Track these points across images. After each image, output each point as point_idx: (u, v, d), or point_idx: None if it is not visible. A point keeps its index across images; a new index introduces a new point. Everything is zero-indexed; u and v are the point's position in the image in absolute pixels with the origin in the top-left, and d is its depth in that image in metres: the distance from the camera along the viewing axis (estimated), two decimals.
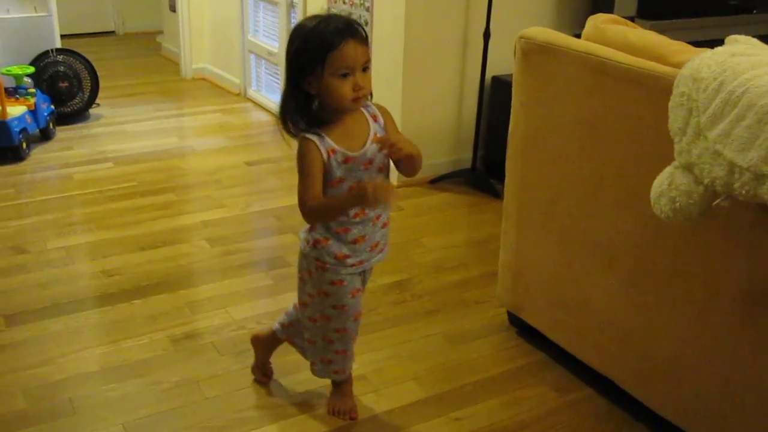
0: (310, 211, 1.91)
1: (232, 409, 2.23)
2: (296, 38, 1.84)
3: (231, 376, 2.37)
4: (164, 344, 2.53)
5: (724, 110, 1.58)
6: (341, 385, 2.24)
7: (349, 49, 1.79)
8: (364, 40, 1.83)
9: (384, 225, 2.03)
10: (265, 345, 2.34)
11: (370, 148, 1.91)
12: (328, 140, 1.87)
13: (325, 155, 1.87)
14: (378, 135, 1.92)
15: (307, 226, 2.03)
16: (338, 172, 1.89)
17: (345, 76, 1.81)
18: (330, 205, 1.92)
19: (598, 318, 2.22)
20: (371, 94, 1.93)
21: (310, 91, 1.86)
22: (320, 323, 2.10)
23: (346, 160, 1.89)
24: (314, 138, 1.87)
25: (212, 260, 3.11)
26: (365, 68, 1.83)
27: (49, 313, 2.68)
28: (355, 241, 1.98)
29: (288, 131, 1.92)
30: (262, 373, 2.36)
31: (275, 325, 2.28)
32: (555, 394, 2.34)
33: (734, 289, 1.81)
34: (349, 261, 2.00)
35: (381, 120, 1.96)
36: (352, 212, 1.94)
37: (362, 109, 1.94)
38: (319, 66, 1.80)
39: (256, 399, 2.28)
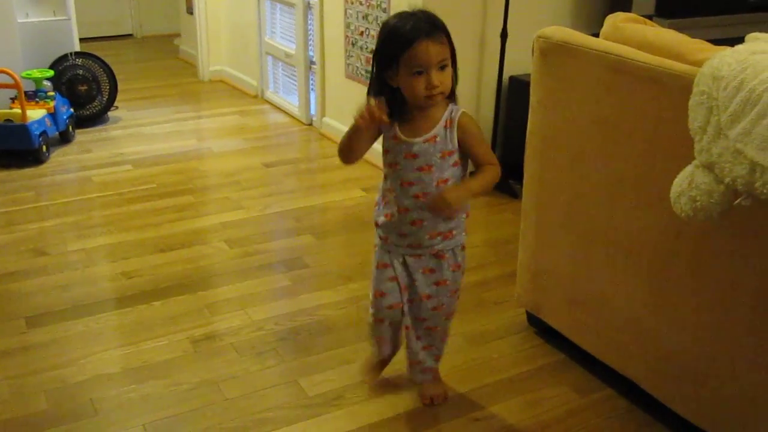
0: (340, 148, 2.09)
1: (252, 410, 2.24)
2: (380, 34, 1.95)
3: (250, 377, 2.38)
4: (184, 345, 2.54)
5: (744, 108, 1.57)
6: (375, 364, 2.33)
7: (422, 49, 1.86)
8: (441, 39, 1.89)
9: (413, 223, 2.04)
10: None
11: (421, 145, 1.97)
12: (395, 128, 1.99)
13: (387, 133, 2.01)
14: (437, 138, 1.97)
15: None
16: (386, 144, 2.03)
17: (419, 74, 1.88)
18: (347, 133, 2.04)
19: (618, 318, 2.21)
20: (454, 93, 1.99)
21: (393, 85, 1.94)
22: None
23: (394, 137, 2.00)
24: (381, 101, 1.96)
25: (231, 262, 3.12)
26: (443, 66, 1.90)
27: (70, 315, 2.70)
28: (386, 216, 2.09)
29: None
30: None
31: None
32: (575, 394, 2.33)
33: (755, 288, 1.80)
34: (380, 231, 2.13)
35: (455, 129, 1.98)
36: (387, 185, 2.08)
37: (447, 111, 1.99)
38: (395, 63, 1.89)
39: (276, 400, 2.28)
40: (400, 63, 1.88)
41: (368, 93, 2.00)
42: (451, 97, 1.99)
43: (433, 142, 1.97)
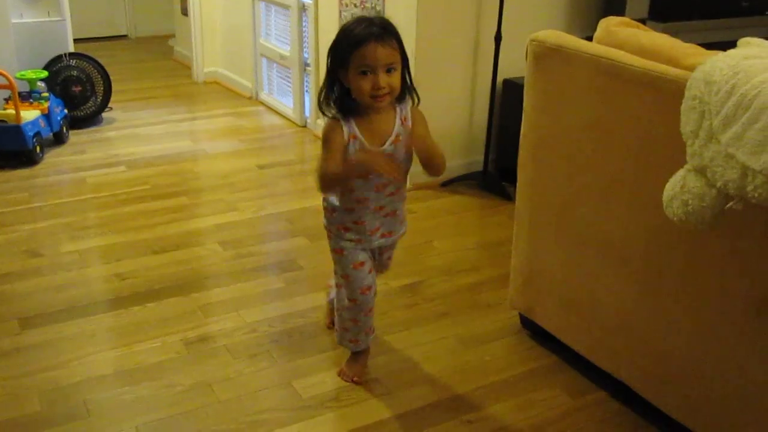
0: (324, 181, 2.09)
1: (246, 412, 2.24)
2: (337, 34, 2.05)
3: (244, 379, 2.38)
4: (177, 347, 2.54)
5: (736, 113, 1.58)
6: (357, 355, 2.40)
7: (370, 50, 1.96)
8: (391, 43, 1.99)
9: (387, 215, 2.22)
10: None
11: (389, 147, 2.09)
12: (353, 126, 2.06)
13: (346, 137, 2.06)
14: (400, 137, 2.09)
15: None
16: (354, 157, 2.07)
17: (364, 73, 1.98)
18: (338, 174, 2.07)
19: (611, 321, 2.21)
20: (412, 96, 2.12)
21: (345, 83, 2.04)
22: (341, 291, 2.29)
23: (362, 150, 2.06)
24: (341, 120, 2.07)
25: (225, 263, 3.12)
26: (390, 69, 1.99)
27: (64, 317, 2.70)
28: (355, 222, 2.19)
29: (322, 112, 2.12)
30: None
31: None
32: (568, 397, 2.34)
33: (747, 292, 1.81)
34: (348, 235, 2.22)
35: (409, 123, 2.12)
36: (355, 196, 2.15)
37: (397, 110, 2.11)
38: (346, 63, 2.00)
39: (269, 402, 2.28)
40: (350, 62, 1.99)
41: (319, 97, 2.10)
42: (401, 99, 2.10)
43: (398, 142, 2.10)
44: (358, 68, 1.98)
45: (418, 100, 2.13)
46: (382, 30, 1.99)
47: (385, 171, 2.00)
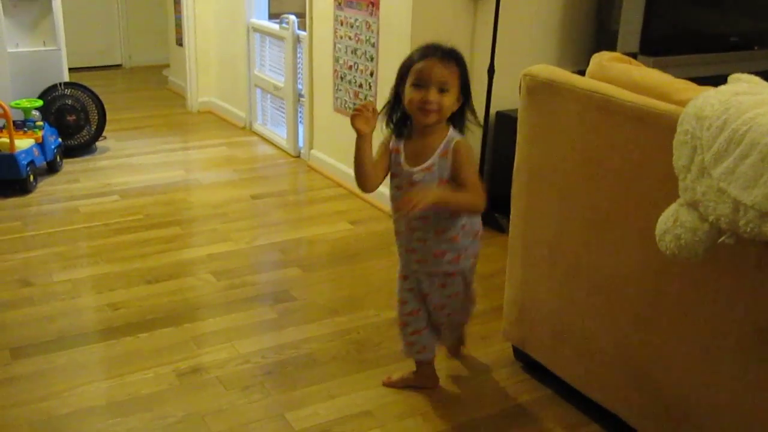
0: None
1: None
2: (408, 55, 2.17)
3: (237, 411, 2.37)
4: (170, 378, 2.53)
5: (728, 148, 1.60)
6: (426, 368, 2.50)
7: (427, 65, 2.08)
8: (449, 66, 2.09)
9: (419, 240, 2.28)
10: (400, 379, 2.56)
11: (419, 174, 2.18)
12: (400, 143, 2.21)
13: (392, 148, 2.22)
14: (434, 168, 2.17)
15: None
16: (393, 169, 2.23)
17: (418, 86, 2.09)
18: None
19: (604, 354, 2.22)
20: (457, 122, 2.20)
21: (404, 100, 2.15)
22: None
23: (398, 164, 2.21)
24: (394, 134, 2.23)
25: (218, 294, 3.12)
26: (443, 89, 2.08)
27: (55, 347, 2.69)
28: (396, 233, 2.33)
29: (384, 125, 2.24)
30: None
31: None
32: (561, 430, 2.33)
33: (741, 326, 1.82)
34: (397, 242, 2.35)
35: (450, 159, 2.16)
36: (393, 205, 2.28)
37: (444, 141, 2.16)
38: (405, 77, 2.13)
39: None
40: (407, 76, 2.10)
41: (385, 105, 2.21)
42: (455, 125, 2.19)
43: (430, 171, 2.16)
44: (413, 81, 2.09)
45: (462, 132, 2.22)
46: (446, 53, 2.10)
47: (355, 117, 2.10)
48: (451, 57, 2.11)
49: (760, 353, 1.79)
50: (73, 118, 4.75)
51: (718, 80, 1.80)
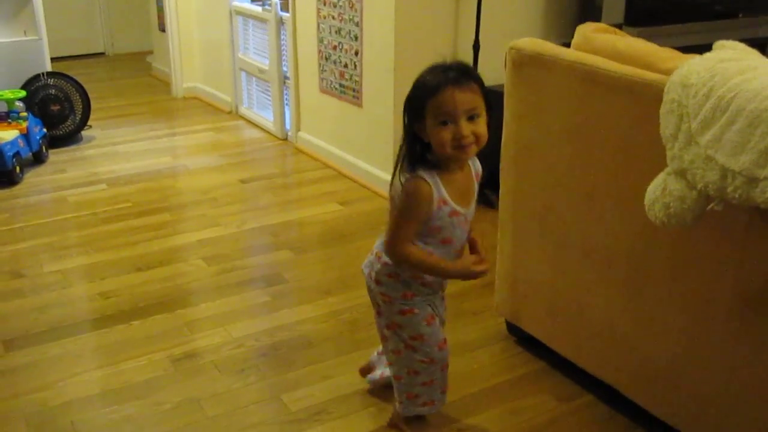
0: (404, 257, 1.90)
1: (235, 427, 2.23)
2: (412, 86, 1.85)
3: (232, 395, 2.37)
4: (164, 364, 2.52)
5: (714, 115, 1.60)
6: (422, 419, 2.21)
7: (447, 97, 1.76)
8: (470, 87, 1.79)
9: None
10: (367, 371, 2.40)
11: (471, 210, 1.95)
12: (441, 188, 1.86)
13: (436, 204, 1.86)
14: (475, 195, 1.97)
15: (369, 260, 2.04)
16: (439, 223, 1.89)
17: (444, 123, 1.78)
18: (429, 267, 1.92)
19: (596, 324, 2.23)
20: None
21: (424, 138, 1.84)
22: (404, 354, 2.07)
23: (452, 214, 1.89)
24: (431, 182, 1.85)
25: (209, 279, 3.11)
26: (472, 116, 1.79)
27: (48, 337, 2.68)
28: (423, 284, 2.00)
29: (403, 172, 1.88)
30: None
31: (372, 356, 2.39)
32: (556, 401, 2.34)
33: (730, 291, 1.83)
34: (416, 299, 2.01)
35: (477, 182, 1.99)
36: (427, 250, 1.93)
37: (471, 164, 1.95)
38: (422, 114, 1.80)
39: (258, 417, 2.27)
40: (426, 113, 1.79)
41: (399, 159, 1.89)
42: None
43: (476, 201, 1.98)
44: (437, 118, 1.78)
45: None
46: (459, 74, 1.78)
47: (479, 276, 1.93)
48: (467, 75, 1.80)
49: (751, 317, 1.80)
50: (57, 108, 4.72)
51: (704, 49, 1.80)
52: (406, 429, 2.20)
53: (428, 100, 1.78)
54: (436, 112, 1.78)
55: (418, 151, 1.86)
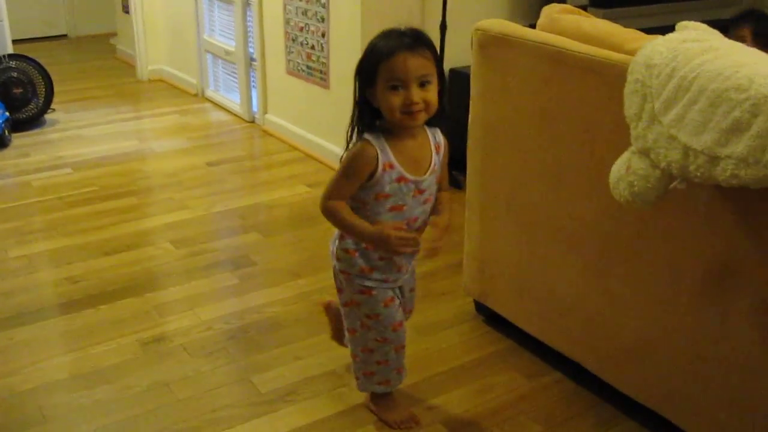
0: (329, 210, 1.90)
1: (205, 409, 2.23)
2: (364, 51, 1.85)
3: (202, 377, 2.37)
4: (133, 348, 2.52)
5: (677, 95, 1.62)
6: (387, 397, 2.20)
7: (400, 61, 1.76)
8: (423, 53, 1.78)
9: (414, 252, 1.98)
10: (335, 312, 2.31)
11: (428, 178, 1.91)
12: (389, 153, 1.85)
13: (380, 168, 1.84)
14: (436, 167, 1.93)
15: (335, 236, 2.01)
16: (387, 189, 1.87)
17: (395, 88, 1.78)
18: (348, 225, 1.90)
19: (563, 303, 2.26)
20: (439, 116, 1.88)
21: (374, 104, 1.84)
22: (359, 333, 2.08)
23: (399, 179, 1.87)
24: (376, 144, 1.84)
25: (177, 262, 3.10)
26: (424, 83, 1.79)
27: (15, 323, 2.65)
28: (381, 259, 1.97)
29: (354, 137, 1.89)
30: (342, 337, 2.31)
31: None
32: (524, 379, 2.38)
33: (695, 268, 1.86)
34: (375, 275, 1.99)
35: (442, 153, 1.95)
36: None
37: (429, 134, 1.93)
38: (374, 78, 1.80)
39: (228, 399, 2.28)
40: (378, 77, 1.79)
41: (351, 124, 1.90)
42: (437, 119, 1.90)
43: (434, 173, 1.93)
44: (388, 82, 1.77)
45: (445, 126, 1.95)
46: (413, 40, 1.78)
47: (400, 251, 1.87)
48: (421, 42, 1.79)
49: (716, 293, 1.83)
50: (19, 91, 4.65)
51: (667, 30, 1.82)
52: (374, 408, 2.21)
53: (381, 65, 1.78)
54: (387, 76, 1.77)
55: (368, 116, 1.86)
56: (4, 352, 2.50)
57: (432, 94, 1.81)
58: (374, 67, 1.79)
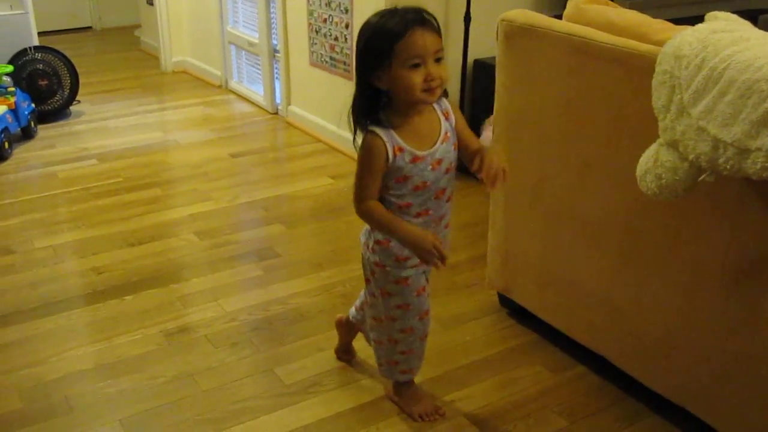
0: (365, 213, 1.88)
1: (229, 400, 2.24)
2: (363, 34, 1.79)
3: (226, 368, 2.38)
4: (158, 339, 2.53)
5: (706, 86, 1.60)
6: (410, 387, 2.21)
7: (418, 38, 1.72)
8: (434, 29, 1.76)
9: (446, 226, 1.99)
10: (345, 328, 2.35)
11: (441, 147, 1.87)
12: (396, 137, 1.82)
13: (391, 154, 1.81)
14: (449, 134, 1.89)
15: (366, 227, 1.99)
16: (405, 170, 1.84)
17: (416, 66, 1.74)
18: (385, 224, 1.87)
19: (588, 296, 2.24)
20: (446, 90, 1.86)
21: (381, 87, 1.80)
22: (385, 323, 2.07)
23: (414, 159, 1.84)
24: (382, 133, 1.81)
25: (201, 253, 3.11)
26: (438, 58, 1.76)
27: (41, 313, 2.68)
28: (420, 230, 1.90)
29: (359, 129, 1.87)
30: (345, 353, 2.42)
31: (351, 310, 2.29)
32: (548, 373, 2.36)
33: (722, 262, 1.84)
34: (410, 262, 1.96)
35: (452, 118, 1.92)
36: (414, 211, 1.89)
37: (434, 105, 1.89)
38: (387, 59, 1.74)
39: (253, 390, 2.28)
40: (394, 57, 1.73)
41: (355, 112, 1.86)
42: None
43: (447, 140, 1.89)
44: (407, 61, 1.72)
45: (446, 92, 1.90)
46: (420, 15, 1.75)
47: (428, 260, 1.82)
48: (429, 17, 1.77)
49: (742, 288, 1.81)
50: (45, 83, 4.68)
51: (696, 20, 1.80)
52: (397, 399, 2.21)
53: (397, 44, 1.72)
54: (407, 55, 1.72)
55: (369, 102, 1.83)
56: (30, 342, 2.52)
57: (445, 69, 1.79)
58: (388, 46, 1.73)
